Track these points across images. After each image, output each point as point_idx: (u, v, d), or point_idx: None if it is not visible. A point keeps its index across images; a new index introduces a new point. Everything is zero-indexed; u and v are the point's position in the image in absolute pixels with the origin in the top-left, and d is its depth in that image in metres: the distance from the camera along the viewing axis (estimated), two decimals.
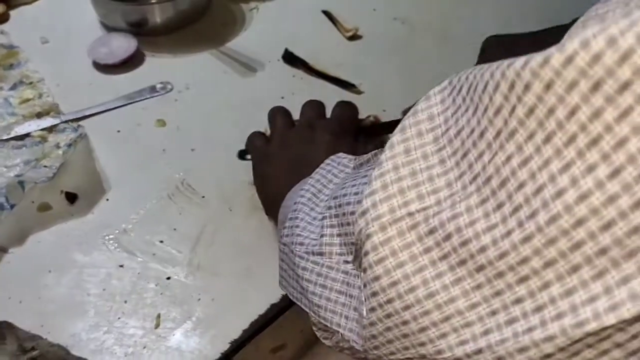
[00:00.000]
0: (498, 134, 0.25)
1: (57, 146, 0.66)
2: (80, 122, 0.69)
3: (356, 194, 0.34)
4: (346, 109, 0.61)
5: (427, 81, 0.75)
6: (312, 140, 0.56)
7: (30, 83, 0.73)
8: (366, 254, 0.29)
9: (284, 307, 0.55)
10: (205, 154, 0.67)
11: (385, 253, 0.28)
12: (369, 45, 0.82)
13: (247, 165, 0.64)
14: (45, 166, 0.62)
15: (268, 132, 0.64)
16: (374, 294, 0.29)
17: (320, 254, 0.37)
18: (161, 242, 0.59)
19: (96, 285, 0.55)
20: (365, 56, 0.80)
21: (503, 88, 0.25)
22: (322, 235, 0.38)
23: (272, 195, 0.54)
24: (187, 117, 0.72)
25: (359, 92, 0.75)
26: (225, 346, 0.51)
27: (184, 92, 0.75)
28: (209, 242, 0.59)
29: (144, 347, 0.51)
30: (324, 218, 0.38)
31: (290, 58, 0.79)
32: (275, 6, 0.89)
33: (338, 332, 0.36)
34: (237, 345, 0.52)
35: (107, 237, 0.59)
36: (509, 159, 0.25)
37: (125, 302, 0.54)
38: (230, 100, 0.74)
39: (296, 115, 0.64)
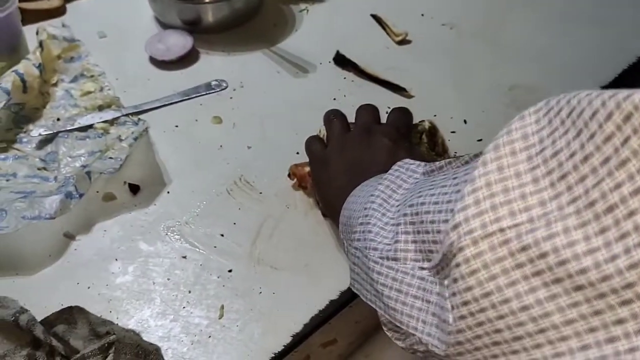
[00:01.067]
0: (606, 160, 0.26)
1: (119, 138, 0.68)
2: (140, 116, 0.72)
3: (436, 203, 0.35)
4: (402, 114, 0.63)
5: (477, 86, 0.78)
6: (370, 144, 0.57)
7: (92, 76, 0.75)
8: (458, 265, 0.30)
9: (342, 304, 0.56)
10: (261, 151, 0.69)
11: (477, 266, 0.29)
12: (418, 49, 0.83)
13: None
14: (110, 158, 0.64)
15: (322, 133, 0.66)
16: (465, 302, 0.30)
17: (395, 259, 0.39)
18: (222, 235, 0.60)
19: (161, 275, 0.57)
20: (415, 61, 0.82)
21: (616, 118, 0.26)
22: (396, 241, 0.39)
23: (331, 198, 0.56)
24: (242, 115, 0.73)
25: (410, 96, 0.76)
26: (287, 339, 0.53)
27: (239, 90, 0.77)
28: (268, 237, 0.60)
29: (209, 337, 0.53)
30: (398, 224, 0.39)
31: (341, 60, 0.80)
32: (324, 8, 0.91)
33: (414, 335, 0.37)
34: (299, 339, 0.53)
35: (169, 229, 0.61)
36: (618, 186, 0.25)
37: (190, 292, 0.56)
38: (284, 99, 0.76)
39: (350, 118, 0.65)
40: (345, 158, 0.57)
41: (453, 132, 0.71)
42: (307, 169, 0.63)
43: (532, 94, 0.76)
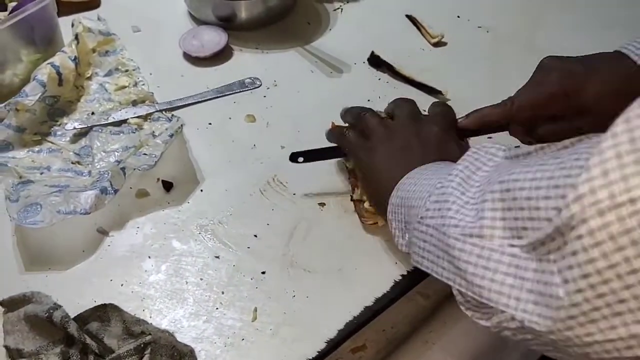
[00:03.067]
0: None
1: (153, 134, 0.68)
2: (173, 112, 0.71)
3: (533, 179, 0.35)
4: (446, 108, 0.62)
5: (512, 90, 0.76)
6: (419, 132, 0.58)
7: (126, 70, 0.75)
8: (580, 237, 0.30)
9: (376, 311, 0.55)
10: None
11: (602, 237, 0.29)
12: (454, 52, 0.82)
13: (339, 164, 0.65)
14: (144, 154, 0.64)
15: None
16: (585, 275, 0.30)
17: (480, 236, 0.39)
18: (255, 236, 0.60)
19: (194, 274, 0.57)
20: (451, 63, 0.80)
21: None
22: (480, 218, 0.39)
23: (382, 183, 0.55)
24: (276, 114, 0.73)
25: (445, 99, 0.75)
26: (321, 345, 0.52)
27: (272, 88, 0.76)
28: (301, 239, 0.60)
29: (243, 339, 0.52)
30: (484, 201, 0.39)
31: (376, 61, 0.79)
32: (358, 7, 0.89)
33: (504, 312, 0.37)
34: (333, 345, 0.52)
35: (202, 228, 0.60)
36: None
37: (223, 293, 0.55)
38: (318, 99, 0.75)
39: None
40: (394, 146, 0.57)
41: (489, 137, 0.70)
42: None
43: None
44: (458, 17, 0.88)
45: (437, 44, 0.83)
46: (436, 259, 0.44)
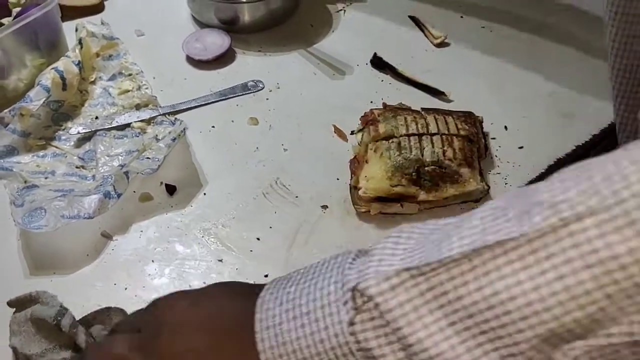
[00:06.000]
0: None
1: (156, 138, 0.68)
2: (177, 116, 0.71)
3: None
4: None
5: (517, 91, 0.76)
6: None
7: (130, 75, 0.75)
8: None
9: None
10: (298, 154, 0.68)
11: None
12: (457, 52, 0.82)
13: (341, 167, 0.65)
14: (147, 157, 0.64)
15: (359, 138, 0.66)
16: None
17: None
18: (258, 239, 0.60)
19: (197, 278, 0.57)
20: (454, 63, 0.80)
21: None
22: None
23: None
24: (278, 116, 0.73)
25: (448, 100, 0.75)
26: None
27: (275, 91, 0.76)
28: (304, 242, 0.60)
29: None
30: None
31: (379, 63, 0.79)
32: (361, 9, 0.89)
33: None
34: None
35: (205, 231, 0.61)
36: None
37: None
38: (321, 101, 0.75)
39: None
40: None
41: (493, 138, 0.70)
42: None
43: (573, 101, 0.74)
44: (461, 17, 0.87)
45: (440, 45, 0.83)
46: None
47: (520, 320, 0.28)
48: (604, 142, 0.70)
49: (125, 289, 0.56)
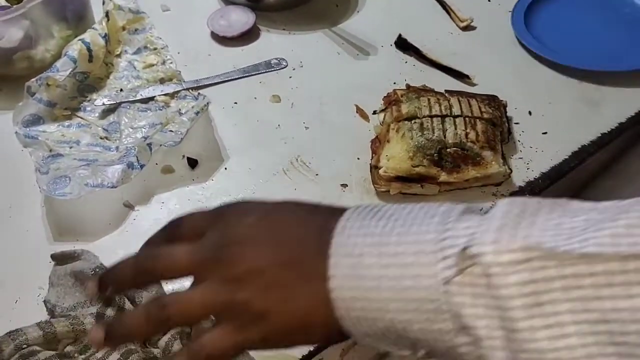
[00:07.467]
0: None
1: (179, 112, 0.68)
2: (200, 91, 0.72)
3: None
4: None
5: (543, 77, 0.75)
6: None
7: (155, 49, 0.76)
8: None
9: None
10: (319, 132, 0.69)
11: None
12: (483, 36, 0.81)
13: (362, 146, 0.65)
14: (170, 131, 0.65)
15: (382, 117, 0.66)
16: None
17: None
18: None
19: None
20: (479, 47, 0.79)
21: None
22: None
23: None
24: (301, 94, 0.73)
25: (473, 84, 0.74)
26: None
27: (298, 69, 0.76)
28: None
29: None
30: None
31: (403, 44, 0.79)
32: None
33: None
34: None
35: None
36: None
37: None
38: (343, 81, 0.75)
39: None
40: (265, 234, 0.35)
41: (517, 123, 0.69)
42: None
43: (600, 88, 0.73)
44: (489, 0, 0.86)
45: (466, 28, 0.82)
46: None
47: None
48: (629, 130, 0.69)
49: None
